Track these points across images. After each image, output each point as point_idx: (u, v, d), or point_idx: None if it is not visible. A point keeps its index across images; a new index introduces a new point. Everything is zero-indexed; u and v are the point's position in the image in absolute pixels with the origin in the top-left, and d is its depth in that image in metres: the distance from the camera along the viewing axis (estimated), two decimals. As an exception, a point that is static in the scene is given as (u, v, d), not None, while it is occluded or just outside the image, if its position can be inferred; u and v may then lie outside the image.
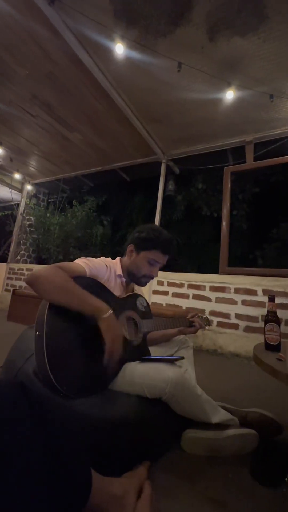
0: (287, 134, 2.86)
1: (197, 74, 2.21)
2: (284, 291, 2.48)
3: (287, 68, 2.11)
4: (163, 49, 2.05)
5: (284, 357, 0.96)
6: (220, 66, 2.16)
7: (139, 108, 2.80)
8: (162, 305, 3.14)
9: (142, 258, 1.16)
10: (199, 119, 2.83)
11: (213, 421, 0.98)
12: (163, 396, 0.89)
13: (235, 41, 1.93)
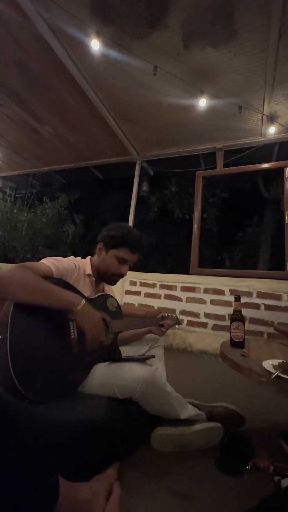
0: (254, 144, 3.06)
1: (172, 80, 2.27)
2: (249, 291, 2.65)
3: (255, 83, 2.26)
4: (140, 51, 2.07)
5: (248, 353, 1.02)
6: (194, 74, 2.23)
7: (115, 107, 2.78)
8: (135, 305, 3.15)
9: (111, 256, 1.15)
10: (174, 123, 2.90)
11: (182, 417, 1.01)
12: (133, 395, 0.90)
13: (208, 51, 2.02)
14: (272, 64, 2.05)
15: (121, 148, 3.44)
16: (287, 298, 2.51)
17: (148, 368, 0.95)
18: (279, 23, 1.75)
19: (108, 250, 1.16)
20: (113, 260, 1.15)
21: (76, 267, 1.10)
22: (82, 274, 1.13)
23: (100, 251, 1.18)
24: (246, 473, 0.96)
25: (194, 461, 0.99)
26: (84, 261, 1.20)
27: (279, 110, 2.55)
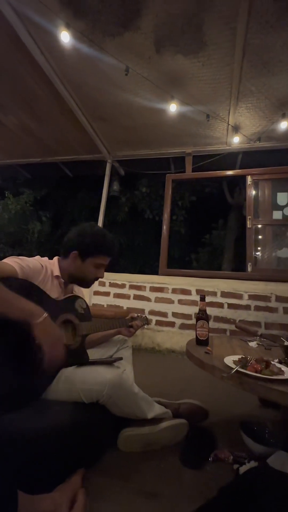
0: (220, 152, 3.24)
1: (144, 82, 2.29)
2: (213, 290, 2.79)
3: (221, 94, 2.39)
4: (112, 50, 2.05)
5: (211, 350, 1.07)
6: (165, 79, 2.28)
7: (85, 103, 2.71)
8: (104, 306, 3.10)
9: (88, 264, 1.13)
10: (145, 125, 2.93)
11: (148, 416, 1.02)
12: (100, 399, 0.89)
13: (178, 58, 2.08)
14: (237, 78, 2.19)
15: (92, 146, 3.37)
16: (247, 297, 2.70)
17: (115, 371, 0.94)
18: (243, 40, 1.87)
19: (85, 259, 1.13)
20: (91, 267, 1.13)
21: (43, 267, 1.05)
22: (49, 275, 1.08)
23: (74, 259, 1.13)
24: (209, 464, 1.01)
25: (160, 459, 1.01)
26: (52, 261, 1.15)
27: (242, 122, 2.73)
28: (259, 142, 2.93)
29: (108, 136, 3.25)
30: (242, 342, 1.39)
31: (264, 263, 2.99)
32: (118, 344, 1.34)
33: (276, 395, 0.72)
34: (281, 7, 1.65)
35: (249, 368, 0.82)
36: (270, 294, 2.64)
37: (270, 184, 3.02)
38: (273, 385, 0.74)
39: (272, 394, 0.72)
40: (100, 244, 1.14)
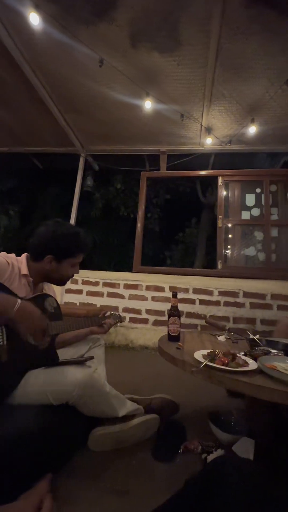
0: (194, 152, 3.31)
1: (119, 76, 2.24)
2: (186, 287, 2.86)
3: (195, 95, 2.44)
4: (85, 39, 1.97)
5: (182, 346, 1.10)
6: (140, 74, 2.26)
7: (57, 92, 2.58)
8: (76, 304, 3.03)
9: (65, 266, 1.11)
10: (120, 120, 2.88)
11: (120, 414, 1.02)
12: (70, 400, 0.86)
13: (154, 55, 2.07)
14: (210, 80, 2.25)
15: (64, 138, 3.24)
16: (217, 293, 2.81)
17: (85, 370, 0.92)
18: (216, 44, 1.92)
19: (61, 261, 1.09)
20: (68, 267, 1.12)
21: (9, 264, 0.99)
22: (16, 274, 1.01)
23: (49, 263, 1.07)
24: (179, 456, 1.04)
25: (131, 456, 1.02)
26: (20, 259, 1.08)
27: (214, 124, 2.82)
28: (230, 144, 3.05)
29: (81, 129, 3.15)
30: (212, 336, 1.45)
31: (233, 260, 3.15)
32: (90, 343, 1.31)
33: (241, 386, 0.76)
34: (251, 15, 1.72)
35: (217, 361, 0.85)
36: (238, 290, 2.79)
37: (240, 185, 3.17)
38: (238, 376, 0.78)
39: (237, 385, 0.76)
40: (75, 245, 1.11)
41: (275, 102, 2.42)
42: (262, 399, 0.73)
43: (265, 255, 2.96)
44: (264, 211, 3.04)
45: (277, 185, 3.11)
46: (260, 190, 3.12)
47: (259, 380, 0.76)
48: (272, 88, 2.27)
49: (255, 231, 3.14)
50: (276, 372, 0.79)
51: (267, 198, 3.04)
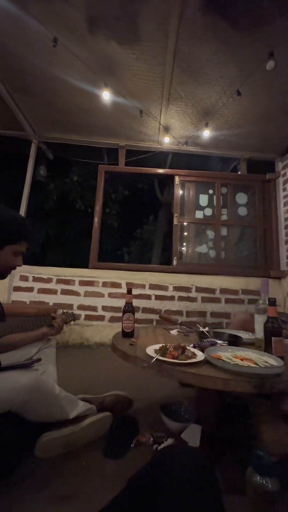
0: (152, 150, 3.34)
1: (76, 61, 2.12)
2: (142, 283, 2.90)
3: (154, 93, 2.45)
4: (38, 13, 1.80)
5: (135, 342, 1.11)
6: (98, 63, 2.17)
7: (4, 68, 2.32)
8: (26, 303, 2.81)
9: (8, 253, 1.00)
10: (77, 109, 2.73)
11: (70, 416, 0.98)
12: (13, 407, 0.79)
13: (113, 45, 2.01)
14: (168, 80, 2.28)
15: (12, 120, 2.93)
16: (172, 288, 2.92)
17: (31, 374, 0.85)
18: (174, 44, 1.95)
19: (2, 247, 0.98)
20: (10, 255, 1.01)
21: None
22: None
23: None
24: (131, 451, 1.05)
25: (82, 457, 0.99)
26: None
27: (172, 124, 2.88)
28: (186, 145, 3.16)
29: (33, 112, 2.89)
30: (165, 330, 1.50)
31: (188, 257, 3.31)
32: (40, 344, 1.22)
33: (188, 377, 0.79)
34: (207, 23, 1.79)
35: (167, 355, 0.88)
36: (191, 285, 2.94)
37: (194, 186, 3.33)
38: (186, 368, 0.81)
39: (185, 377, 0.80)
40: (17, 230, 1.01)
41: (227, 109, 2.58)
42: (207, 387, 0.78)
43: (216, 253, 3.18)
44: (216, 211, 3.26)
45: (227, 187, 3.36)
46: (212, 191, 3.33)
47: (205, 370, 0.81)
48: (224, 96, 2.42)
49: (207, 229, 3.35)
50: (220, 361, 0.85)
51: (218, 199, 3.26)
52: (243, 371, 0.80)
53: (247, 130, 2.86)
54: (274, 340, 0.97)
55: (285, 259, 3.04)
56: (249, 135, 2.96)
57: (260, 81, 2.22)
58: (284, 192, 3.13)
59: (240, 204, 3.37)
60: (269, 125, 2.76)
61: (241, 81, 2.22)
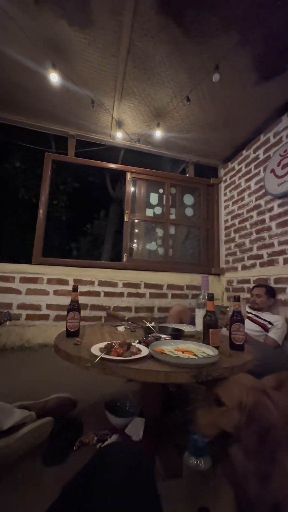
0: (104, 143, 3.26)
1: (19, 32, 1.90)
2: (91, 280, 2.83)
3: (107, 84, 2.38)
4: None
5: (80, 341, 1.07)
6: (45, 41, 1.99)
7: None
8: None
9: None
10: (21, 87, 2.46)
11: (5, 427, 0.90)
12: None
13: (62, 24, 1.86)
14: (122, 74, 2.25)
15: None
16: (122, 285, 2.93)
17: None
18: (128, 38, 1.92)
19: None
20: None
21: None
22: None
23: None
24: (73, 454, 1.01)
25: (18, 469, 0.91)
26: None
27: (125, 119, 2.86)
28: (138, 143, 3.18)
29: None
30: (112, 327, 1.49)
31: (138, 254, 3.35)
32: None
33: (132, 373, 0.80)
34: (160, 23, 1.82)
35: (112, 353, 0.87)
36: (140, 281, 3.00)
37: (146, 184, 3.39)
38: (130, 364, 0.82)
39: (129, 373, 0.81)
40: None
41: (177, 113, 2.69)
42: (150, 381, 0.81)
43: (164, 250, 3.31)
44: (165, 210, 3.38)
45: (176, 188, 3.52)
46: (162, 191, 3.44)
47: (148, 365, 0.83)
48: (175, 100, 2.51)
49: (156, 227, 3.45)
50: (162, 355, 0.89)
51: (168, 199, 3.39)
52: (183, 363, 0.85)
53: (195, 135, 3.04)
54: (211, 332, 1.06)
55: (224, 258, 3.36)
56: (196, 141, 3.15)
57: (207, 91, 2.37)
58: (225, 197, 3.45)
59: (187, 205, 3.57)
60: (214, 133, 2.99)
61: (190, 88, 2.33)
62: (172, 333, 1.24)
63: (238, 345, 1.12)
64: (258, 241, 2.72)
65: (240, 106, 2.55)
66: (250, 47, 1.94)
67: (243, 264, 2.95)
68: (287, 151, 2.38)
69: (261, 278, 2.61)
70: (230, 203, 3.29)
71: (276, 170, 2.49)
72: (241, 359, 0.99)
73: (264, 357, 1.75)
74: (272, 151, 2.61)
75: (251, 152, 2.93)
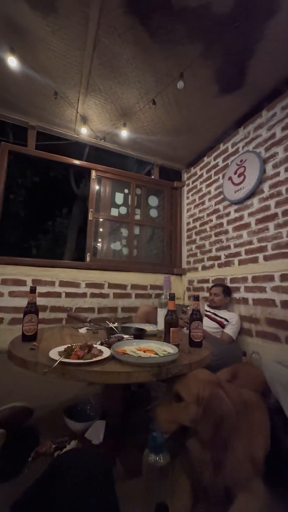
0: (68, 138, 3.13)
1: None
2: (52, 280, 2.69)
3: (71, 77, 2.29)
4: None
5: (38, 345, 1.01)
6: (2, 22, 1.84)
7: None
8: None
9: None
10: (-29, 67, 2.23)
11: None
12: None
13: (22, 7, 1.74)
14: (87, 69, 2.18)
15: None
16: (84, 285, 2.85)
17: None
18: (94, 33, 1.88)
19: None
20: None
21: None
22: None
23: None
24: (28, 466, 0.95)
25: None
26: None
27: (90, 116, 2.79)
28: (104, 141, 3.13)
29: None
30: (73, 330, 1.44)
31: (102, 254, 3.30)
32: None
33: (93, 376, 0.79)
34: (127, 23, 1.82)
35: (72, 356, 0.84)
36: (104, 282, 2.95)
37: (111, 183, 3.35)
38: (91, 367, 0.80)
39: (90, 376, 0.79)
40: None
41: (144, 115, 2.72)
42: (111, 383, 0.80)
43: (128, 250, 3.31)
44: (130, 210, 3.39)
45: (141, 189, 3.55)
46: (128, 191, 3.45)
47: (109, 366, 0.82)
48: (141, 101, 2.53)
49: (121, 227, 3.44)
50: (124, 355, 0.89)
51: (133, 199, 3.41)
52: (144, 362, 0.86)
53: (160, 138, 3.11)
54: (172, 330, 1.10)
55: (186, 258, 3.50)
56: (162, 144, 3.22)
57: (172, 97, 2.44)
58: (187, 200, 3.59)
59: (152, 206, 3.63)
60: (178, 138, 3.09)
61: (156, 91, 2.38)
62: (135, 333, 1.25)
63: (196, 342, 1.18)
64: (217, 243, 2.90)
65: (203, 115, 2.68)
66: (213, 60, 2.05)
67: (203, 264, 3.12)
68: (242, 160, 2.59)
69: (219, 278, 2.79)
70: (192, 206, 3.45)
71: (233, 178, 2.68)
72: (199, 355, 1.04)
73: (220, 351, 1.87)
74: (230, 159, 2.80)
75: (212, 159, 3.11)
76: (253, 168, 2.43)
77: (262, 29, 1.79)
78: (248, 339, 2.31)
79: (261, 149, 2.39)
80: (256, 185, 2.38)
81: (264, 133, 2.38)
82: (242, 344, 2.33)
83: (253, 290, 2.33)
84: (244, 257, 2.49)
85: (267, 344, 2.13)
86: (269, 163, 2.30)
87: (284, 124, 2.19)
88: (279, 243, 2.14)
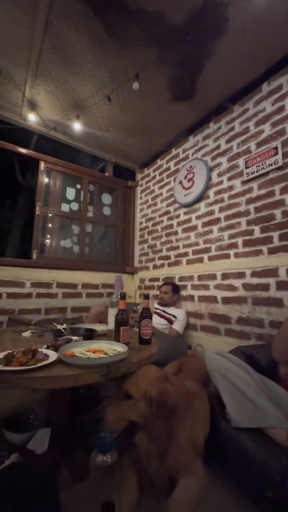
0: (14, 123, 2.84)
1: None
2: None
3: (18, 56, 2.08)
4: None
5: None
6: None
7: None
8: None
9: None
10: None
11: None
12: None
13: None
14: (37, 51, 2.02)
15: None
16: (30, 284, 2.64)
17: None
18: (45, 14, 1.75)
19: None
20: None
21: None
22: None
23: None
24: None
25: None
26: None
27: (40, 102, 2.59)
28: (54, 131, 2.95)
29: None
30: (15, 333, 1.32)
31: (51, 251, 3.11)
32: None
33: (38, 382, 0.74)
34: (81, 11, 1.74)
35: (13, 363, 0.77)
36: (52, 281, 2.79)
37: (62, 176, 3.18)
38: (35, 373, 0.75)
39: (34, 383, 0.74)
40: None
41: (98, 110, 2.65)
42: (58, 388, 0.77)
43: (80, 248, 3.20)
44: (82, 207, 3.28)
45: (94, 185, 3.47)
46: (80, 186, 3.32)
47: (56, 370, 0.79)
48: (96, 96, 2.47)
49: (72, 224, 3.30)
50: (72, 358, 0.86)
51: (85, 196, 3.30)
52: (93, 363, 0.84)
53: (115, 136, 3.08)
54: (122, 329, 1.11)
55: (138, 257, 3.56)
56: (116, 141, 3.20)
57: (127, 96, 2.45)
58: (140, 200, 3.66)
59: (105, 204, 3.58)
60: (133, 138, 3.12)
61: (111, 88, 2.35)
62: (84, 334, 1.22)
63: (146, 339, 1.21)
64: (167, 244, 3.03)
65: (156, 119, 2.76)
66: (167, 68, 2.13)
67: (154, 263, 3.22)
68: (192, 167, 2.76)
69: (168, 277, 2.92)
70: (145, 206, 3.53)
71: (183, 182, 2.84)
72: (148, 352, 1.08)
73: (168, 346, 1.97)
74: (181, 164, 2.96)
75: (165, 162, 3.23)
76: (201, 174, 2.62)
77: (211, 47, 1.94)
78: (193, 333, 2.49)
79: (208, 158, 2.59)
80: (203, 190, 2.57)
81: (211, 144, 2.59)
82: (188, 338, 2.50)
83: (199, 288, 2.51)
84: (192, 257, 2.67)
85: (209, 337, 2.33)
86: (214, 172, 2.51)
87: (228, 137, 2.42)
88: (221, 245, 2.35)
